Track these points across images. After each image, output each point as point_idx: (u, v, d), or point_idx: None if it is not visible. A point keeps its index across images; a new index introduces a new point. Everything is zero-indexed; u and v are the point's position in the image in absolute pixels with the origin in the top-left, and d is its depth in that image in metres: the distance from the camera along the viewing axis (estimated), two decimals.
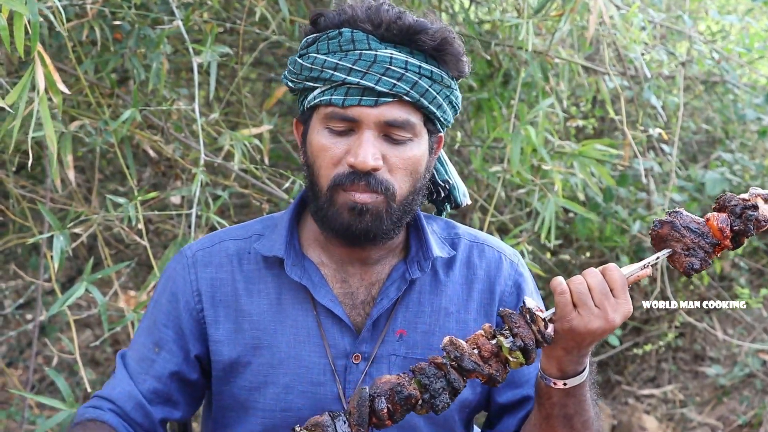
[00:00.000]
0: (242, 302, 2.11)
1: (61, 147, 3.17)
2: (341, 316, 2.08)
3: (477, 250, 2.22)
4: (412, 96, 1.97)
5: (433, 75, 1.99)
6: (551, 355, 1.97)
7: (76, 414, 2.12)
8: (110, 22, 3.43)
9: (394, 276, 2.12)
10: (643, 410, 5.46)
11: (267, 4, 3.74)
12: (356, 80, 1.95)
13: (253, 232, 2.18)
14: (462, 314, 2.17)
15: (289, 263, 2.08)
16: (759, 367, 5.38)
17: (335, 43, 1.98)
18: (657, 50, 5.18)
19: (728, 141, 6.04)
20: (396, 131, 1.98)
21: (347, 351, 2.09)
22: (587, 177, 4.03)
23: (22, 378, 5.06)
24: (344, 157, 1.98)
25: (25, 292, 5.27)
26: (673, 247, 1.99)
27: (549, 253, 5.56)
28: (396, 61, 1.96)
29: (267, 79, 5.16)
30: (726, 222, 1.98)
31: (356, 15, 1.99)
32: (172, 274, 2.17)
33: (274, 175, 3.78)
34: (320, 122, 2.01)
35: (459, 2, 4.62)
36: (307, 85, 2.01)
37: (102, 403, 2.10)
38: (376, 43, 1.97)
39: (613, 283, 1.92)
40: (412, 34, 1.97)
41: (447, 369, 1.85)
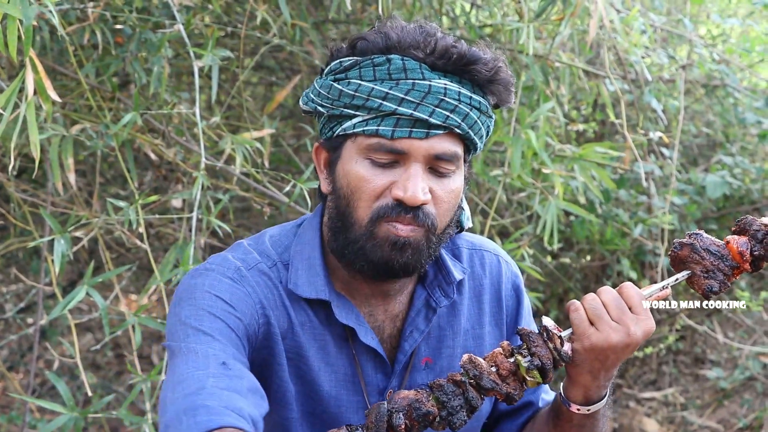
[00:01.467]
0: (295, 332, 1.98)
1: (62, 150, 3.17)
2: (382, 353, 2.01)
3: (478, 258, 2.17)
4: (462, 128, 1.88)
5: (480, 106, 1.90)
6: (577, 382, 1.94)
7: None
8: (111, 26, 3.44)
9: (417, 305, 2.05)
10: (644, 413, 5.46)
11: (268, 8, 3.74)
12: (408, 111, 1.84)
13: (272, 258, 2.02)
14: (477, 330, 2.14)
15: (335, 305, 1.98)
16: (760, 370, 5.38)
17: (383, 71, 1.86)
18: (657, 54, 5.19)
19: (729, 144, 6.04)
20: (443, 164, 1.88)
21: (380, 387, 2.04)
22: (588, 180, 4.03)
23: (23, 382, 5.06)
24: (387, 188, 1.87)
25: (26, 295, 5.28)
26: (692, 268, 1.98)
27: (550, 256, 5.56)
28: (450, 92, 1.86)
29: (268, 82, 5.17)
30: (746, 246, 1.97)
31: (404, 40, 1.87)
32: (217, 285, 1.93)
33: (275, 179, 3.78)
34: (360, 152, 1.89)
35: (460, 6, 4.62)
36: (346, 112, 1.89)
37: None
38: (429, 73, 1.86)
39: (630, 299, 1.90)
40: (467, 65, 1.87)
41: (466, 387, 1.83)
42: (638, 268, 5.63)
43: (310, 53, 4.19)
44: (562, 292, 5.86)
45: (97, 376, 5.32)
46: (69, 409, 2.84)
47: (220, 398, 1.69)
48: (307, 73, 4.63)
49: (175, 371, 1.78)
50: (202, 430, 1.62)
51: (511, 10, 4.44)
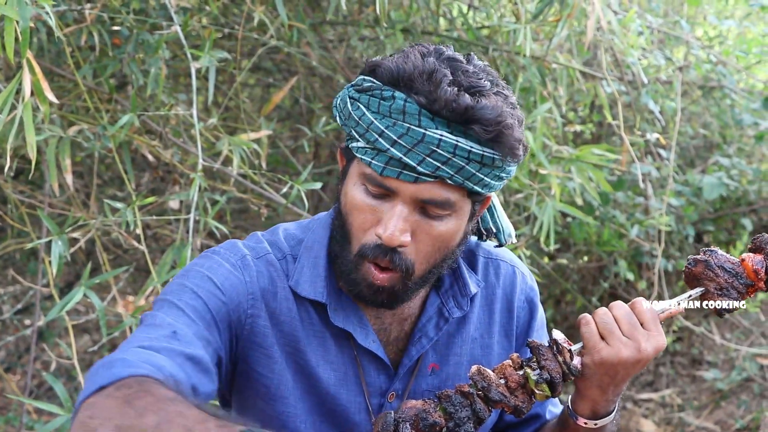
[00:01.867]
0: (294, 325, 1.98)
1: (60, 152, 3.17)
2: (383, 357, 2.00)
3: (493, 267, 2.15)
4: (455, 180, 1.81)
5: (483, 159, 1.81)
6: (586, 396, 1.94)
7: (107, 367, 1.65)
8: (109, 27, 3.44)
9: (429, 311, 2.04)
10: (641, 414, 5.46)
11: (265, 9, 3.74)
12: (398, 155, 1.79)
13: (285, 251, 2.02)
14: (486, 339, 2.12)
15: (331, 308, 1.96)
16: (756, 371, 5.39)
17: (386, 107, 1.81)
18: (654, 55, 5.19)
19: (725, 146, 6.06)
20: (433, 208, 1.84)
21: (383, 389, 2.03)
22: (585, 182, 4.03)
23: (20, 383, 5.06)
24: (375, 224, 1.85)
25: (23, 297, 5.28)
26: (706, 285, 1.97)
27: (547, 257, 5.57)
28: (444, 144, 1.78)
29: (265, 84, 5.17)
30: (762, 264, 1.95)
31: (413, 80, 1.79)
32: (217, 268, 1.94)
33: (272, 180, 3.78)
34: (358, 176, 1.87)
35: (457, 7, 4.63)
36: (352, 133, 1.87)
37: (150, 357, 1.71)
38: (428, 121, 1.78)
39: (642, 315, 1.89)
40: (466, 122, 1.78)
41: (473, 398, 1.82)
42: (635, 269, 5.63)
43: (308, 55, 4.19)
44: (559, 294, 5.86)
45: None
46: (66, 411, 2.83)
47: (141, 355, 1.68)
48: (304, 75, 4.64)
49: (128, 338, 1.77)
50: (114, 378, 1.59)
51: (508, 12, 4.45)
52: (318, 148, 5.23)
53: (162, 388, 1.57)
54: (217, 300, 1.89)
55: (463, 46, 4.32)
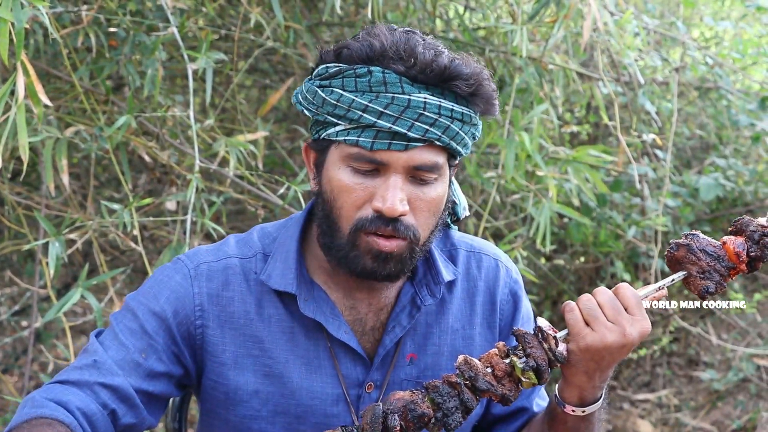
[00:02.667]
0: (254, 327, 2.01)
1: (56, 153, 3.17)
2: (356, 348, 2.01)
3: (475, 260, 2.18)
4: (443, 141, 1.87)
5: (464, 117, 1.89)
6: (573, 383, 1.94)
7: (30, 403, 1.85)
8: (105, 29, 3.44)
9: (403, 300, 2.06)
10: (638, 415, 5.47)
11: (262, 11, 3.75)
12: (387, 125, 1.84)
13: (255, 250, 2.06)
14: (467, 330, 2.14)
15: (301, 299, 1.99)
16: (753, 372, 5.39)
17: (364, 82, 1.86)
18: (651, 56, 5.20)
19: (722, 147, 6.06)
20: (423, 174, 1.89)
21: (360, 380, 2.04)
22: (581, 183, 4.04)
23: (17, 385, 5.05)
24: (369, 200, 1.88)
25: (20, 298, 5.27)
26: (688, 269, 1.98)
27: (544, 258, 5.57)
28: (429, 106, 1.85)
29: (262, 85, 5.17)
30: (743, 247, 1.97)
31: (386, 52, 1.86)
32: (166, 281, 2.01)
33: (269, 181, 3.78)
34: (342, 160, 1.90)
35: (454, 8, 4.63)
36: (329, 119, 1.89)
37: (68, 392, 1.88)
38: (409, 86, 1.85)
39: (626, 300, 1.90)
40: (447, 80, 1.86)
41: (461, 388, 1.83)
42: (632, 270, 5.64)
43: (304, 56, 4.20)
44: (555, 294, 5.87)
45: None
46: None
47: (50, 391, 1.84)
48: (301, 76, 4.64)
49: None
50: (20, 420, 1.77)
51: (505, 13, 4.45)
52: None
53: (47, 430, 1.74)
54: (157, 319, 1.97)
55: (459, 47, 4.32)
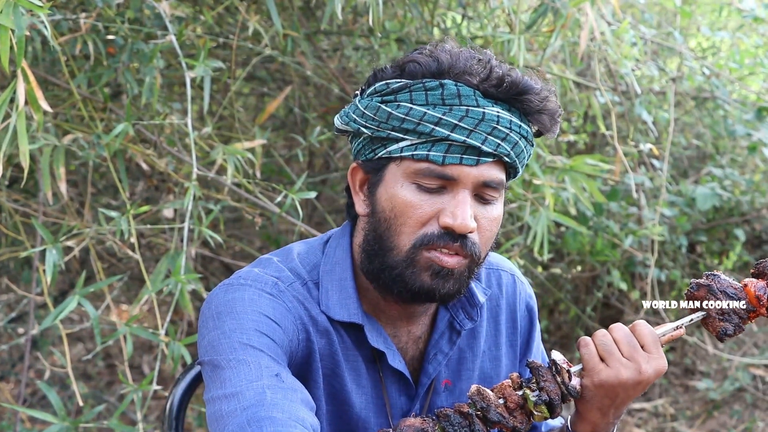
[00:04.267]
0: (334, 351, 1.97)
1: (54, 160, 3.17)
2: (409, 377, 2.00)
3: (495, 278, 2.16)
4: (511, 157, 1.87)
5: (528, 135, 1.90)
6: (586, 418, 1.93)
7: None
8: (103, 36, 3.44)
9: (440, 327, 2.04)
10: (634, 424, 5.47)
11: (260, 19, 3.75)
12: (462, 138, 1.81)
13: (304, 277, 1.99)
14: (494, 351, 2.13)
15: (367, 329, 1.96)
16: (749, 381, 5.40)
17: (436, 95, 1.83)
18: (648, 66, 5.21)
19: (719, 156, 6.07)
20: (489, 192, 1.88)
21: (404, 410, 2.03)
22: (578, 192, 4.04)
23: (14, 392, 5.05)
24: (435, 216, 1.85)
25: (17, 305, 5.27)
26: (708, 310, 1.97)
27: (540, 267, 5.58)
28: (503, 121, 1.84)
29: (260, 93, 5.18)
30: (764, 290, 1.95)
31: (457, 66, 1.85)
32: (256, 300, 1.90)
33: (266, 189, 3.78)
34: (406, 176, 1.86)
35: (451, 17, 4.64)
36: (393, 135, 1.86)
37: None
38: (483, 100, 1.84)
39: (643, 337, 1.88)
40: (519, 94, 1.86)
41: (472, 419, 1.81)
42: (628, 279, 5.64)
43: (302, 64, 4.20)
44: (552, 303, 5.87)
45: (88, 386, 5.31)
46: (60, 419, 2.84)
47: (283, 409, 1.69)
48: (299, 84, 4.65)
49: (226, 384, 1.75)
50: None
51: (502, 22, 4.46)
52: (312, 157, 5.24)
53: None
54: (279, 333, 1.87)
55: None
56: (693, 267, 5.97)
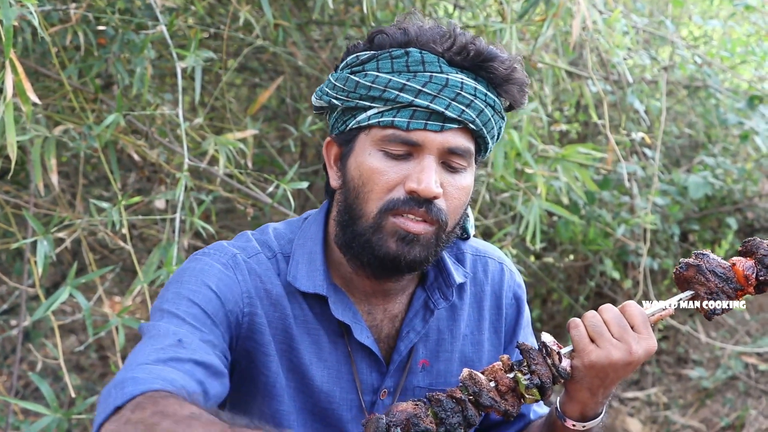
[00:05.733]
0: (289, 324, 1.98)
1: (45, 151, 3.16)
2: (377, 352, 2.01)
3: (481, 264, 2.17)
4: (477, 124, 1.88)
5: (495, 104, 1.91)
6: (576, 398, 1.94)
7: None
8: (94, 27, 3.43)
9: (416, 305, 2.05)
10: (627, 413, 5.48)
11: (251, 9, 3.74)
12: (425, 103, 1.85)
13: (274, 250, 2.03)
14: (476, 335, 2.14)
15: (331, 301, 1.97)
16: (742, 370, 5.41)
17: (401, 63, 1.87)
18: (640, 55, 5.21)
19: (711, 145, 6.08)
20: (455, 159, 1.89)
21: (375, 386, 2.03)
22: (571, 181, 4.04)
23: (6, 384, 5.04)
24: (401, 182, 1.87)
25: (9, 297, 5.26)
26: (696, 289, 1.97)
27: (533, 256, 5.58)
28: (466, 87, 1.87)
29: (251, 84, 5.17)
30: (752, 270, 1.96)
31: (423, 35, 1.89)
32: (208, 270, 1.95)
33: (258, 180, 3.78)
34: (374, 144, 1.89)
35: (443, 7, 4.63)
36: (361, 104, 1.90)
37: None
38: (447, 67, 1.87)
39: (633, 318, 1.89)
40: (484, 61, 1.88)
41: (465, 405, 1.82)
42: (621, 268, 5.65)
43: (294, 54, 4.19)
44: (545, 292, 5.87)
45: (80, 378, 5.31)
46: (52, 411, 2.83)
47: (151, 371, 1.68)
48: (291, 74, 4.64)
49: (134, 351, 1.78)
50: (126, 398, 1.61)
51: (494, 12, 4.45)
52: (304, 147, 5.23)
53: (176, 404, 1.58)
54: (214, 304, 1.89)
55: None
56: (685, 255, 5.97)
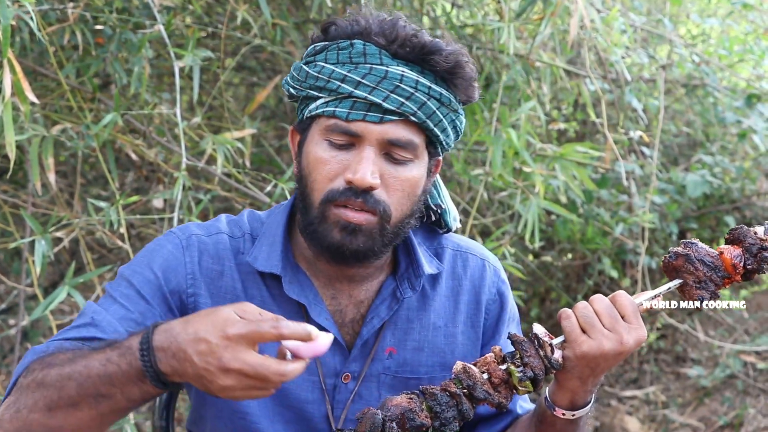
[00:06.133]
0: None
1: (42, 151, 3.16)
2: (336, 335, 2.01)
3: (461, 260, 2.19)
4: (418, 117, 1.91)
5: (441, 97, 1.93)
6: (566, 387, 1.95)
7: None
8: (92, 26, 3.43)
9: (384, 294, 2.07)
10: (626, 411, 5.48)
11: (249, 8, 3.74)
12: (363, 95, 1.89)
13: (244, 230, 2.08)
14: (450, 328, 2.14)
15: (286, 280, 2.00)
16: (740, 369, 5.41)
17: (345, 54, 1.92)
18: (638, 53, 5.21)
19: (709, 144, 6.08)
20: (398, 151, 1.92)
21: (337, 370, 2.05)
22: (569, 179, 4.04)
23: (4, 383, 5.04)
24: (342, 172, 1.90)
25: (7, 297, 5.26)
26: (685, 278, 1.98)
27: (531, 255, 5.58)
28: (406, 80, 1.90)
29: (249, 83, 5.17)
30: (740, 258, 1.97)
31: (370, 27, 1.92)
32: (158, 250, 2.03)
33: (256, 179, 3.78)
34: (320, 133, 1.93)
35: (441, 6, 4.63)
36: (311, 93, 1.95)
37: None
38: (388, 59, 1.91)
39: (623, 308, 1.90)
40: (426, 54, 1.90)
41: (460, 399, 1.83)
42: (619, 266, 5.65)
43: (291, 53, 4.19)
44: (543, 291, 5.87)
45: None
46: None
47: (49, 344, 1.84)
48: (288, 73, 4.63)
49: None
50: (22, 369, 1.80)
51: (492, 10, 4.45)
52: None
53: (61, 355, 1.76)
54: (152, 285, 1.97)
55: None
56: None
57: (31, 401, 1.73)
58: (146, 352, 1.63)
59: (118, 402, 1.69)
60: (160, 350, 1.63)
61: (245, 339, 1.58)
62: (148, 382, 1.65)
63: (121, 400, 1.69)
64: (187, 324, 1.62)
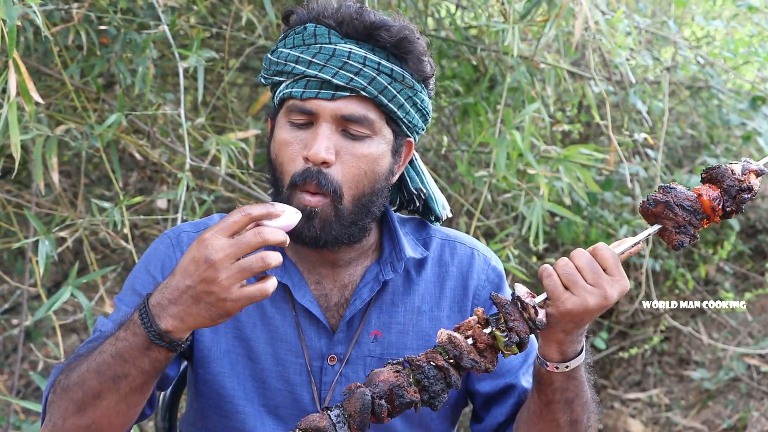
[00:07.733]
0: None
1: (46, 151, 3.17)
2: (318, 316, 2.07)
3: (449, 248, 2.22)
4: (369, 92, 1.97)
5: (393, 73, 1.99)
6: (551, 339, 1.92)
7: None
8: (96, 26, 3.43)
9: (367, 278, 2.12)
10: (629, 414, 5.47)
11: (253, 9, 3.74)
12: (314, 73, 1.96)
13: None
14: (435, 312, 2.17)
15: None
16: (744, 371, 5.40)
17: (300, 38, 2.00)
18: (642, 55, 5.20)
19: (713, 146, 6.06)
20: (353, 126, 1.98)
21: (323, 352, 2.09)
22: (573, 181, 4.04)
23: (7, 383, 5.04)
24: (302, 151, 1.97)
25: (10, 296, 5.26)
26: (664, 224, 1.96)
27: (535, 257, 5.58)
28: (354, 56, 1.97)
29: (253, 83, 5.17)
30: (718, 200, 1.95)
31: (322, 11, 2.01)
32: (153, 253, 2.14)
33: (260, 180, 3.78)
34: (284, 116, 2.02)
35: (445, 7, 4.63)
36: (275, 79, 2.04)
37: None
38: (337, 38, 1.99)
39: (605, 261, 1.87)
40: (373, 30, 1.98)
41: (448, 372, 1.82)
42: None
43: None
44: None
45: None
46: None
47: (69, 360, 1.94)
48: None
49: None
50: (49, 387, 1.91)
51: (496, 12, 4.45)
52: None
53: (76, 360, 1.87)
54: (152, 286, 2.03)
55: (450, 46, 4.32)
56: (687, 257, 5.98)
57: (62, 410, 1.83)
58: (145, 314, 1.72)
59: (135, 378, 1.78)
60: (157, 306, 1.72)
61: (220, 232, 1.67)
62: (154, 347, 1.73)
63: (136, 376, 1.78)
64: (171, 275, 1.73)
